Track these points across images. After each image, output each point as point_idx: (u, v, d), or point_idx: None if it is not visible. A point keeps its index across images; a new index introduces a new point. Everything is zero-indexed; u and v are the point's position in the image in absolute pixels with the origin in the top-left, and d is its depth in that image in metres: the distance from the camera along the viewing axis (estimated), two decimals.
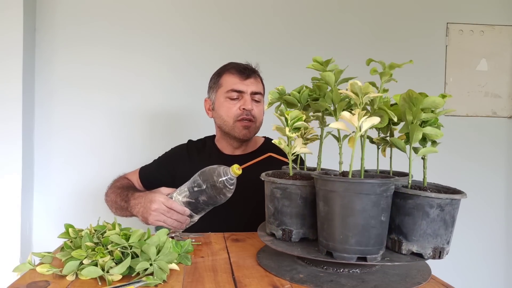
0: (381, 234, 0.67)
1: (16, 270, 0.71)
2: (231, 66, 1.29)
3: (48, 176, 1.75)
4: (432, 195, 0.67)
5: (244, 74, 1.26)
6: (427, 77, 1.95)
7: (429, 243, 0.68)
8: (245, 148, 1.35)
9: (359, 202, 0.64)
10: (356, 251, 0.65)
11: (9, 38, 1.59)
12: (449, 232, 0.70)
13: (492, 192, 2.02)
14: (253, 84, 1.26)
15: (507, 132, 2.02)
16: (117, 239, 0.72)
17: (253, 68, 1.30)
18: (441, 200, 0.67)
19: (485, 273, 2.01)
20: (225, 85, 1.27)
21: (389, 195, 0.67)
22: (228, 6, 1.84)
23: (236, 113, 1.25)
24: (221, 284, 0.68)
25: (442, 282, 0.71)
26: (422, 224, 0.68)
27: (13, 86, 1.60)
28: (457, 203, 0.69)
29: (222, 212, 1.26)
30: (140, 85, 1.79)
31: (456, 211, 0.70)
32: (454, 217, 0.70)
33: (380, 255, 0.67)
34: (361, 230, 0.65)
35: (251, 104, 1.25)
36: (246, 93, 1.25)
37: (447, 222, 0.68)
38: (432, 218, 0.67)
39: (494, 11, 2.00)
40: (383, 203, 0.65)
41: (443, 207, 0.67)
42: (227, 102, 1.26)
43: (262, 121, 1.32)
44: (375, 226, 0.65)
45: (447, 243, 0.70)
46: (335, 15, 1.91)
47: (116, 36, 1.77)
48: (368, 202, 0.64)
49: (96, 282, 0.67)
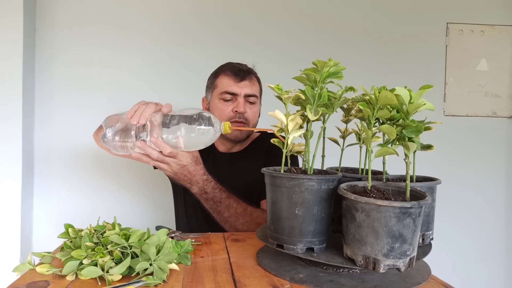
0: (296, 227, 0.70)
1: (16, 270, 0.71)
2: (226, 67, 1.29)
3: (48, 176, 1.75)
4: (357, 198, 0.62)
5: (239, 76, 1.26)
6: (427, 77, 1.95)
7: (359, 249, 0.64)
8: (240, 147, 1.36)
9: (274, 194, 0.73)
10: (274, 237, 0.73)
11: (9, 38, 1.59)
12: (385, 244, 0.61)
13: (492, 192, 2.02)
14: (247, 86, 1.26)
15: (507, 132, 2.02)
16: (117, 239, 0.72)
17: (248, 70, 1.30)
18: (364, 204, 0.61)
19: (485, 273, 2.01)
20: (220, 87, 1.27)
21: (304, 190, 0.69)
22: (228, 6, 1.84)
23: (228, 115, 1.25)
24: (221, 284, 0.68)
25: (442, 282, 0.71)
26: (351, 227, 0.64)
27: (13, 86, 1.60)
28: (388, 211, 0.60)
29: None
30: (140, 85, 1.79)
31: (391, 220, 0.60)
32: (389, 227, 0.60)
33: (299, 247, 0.70)
34: (276, 219, 0.73)
35: (243, 107, 1.25)
36: (240, 95, 1.25)
37: (376, 230, 0.61)
38: (359, 223, 0.63)
39: (494, 11, 1.99)
40: (295, 197, 0.70)
41: (368, 212, 0.61)
42: (220, 103, 1.27)
43: (256, 123, 1.32)
44: (289, 218, 0.70)
45: (383, 256, 0.61)
46: (334, 15, 1.90)
47: (116, 37, 1.77)
48: (280, 194, 0.71)
49: (96, 282, 0.66)
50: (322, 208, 0.70)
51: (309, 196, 0.69)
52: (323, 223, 0.71)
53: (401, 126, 0.65)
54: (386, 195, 0.67)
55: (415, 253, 0.64)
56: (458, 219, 1.99)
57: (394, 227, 0.60)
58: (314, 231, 0.70)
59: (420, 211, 0.62)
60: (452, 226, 1.98)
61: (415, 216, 0.61)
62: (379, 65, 1.92)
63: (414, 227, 0.61)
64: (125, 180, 1.80)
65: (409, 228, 0.61)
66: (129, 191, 1.81)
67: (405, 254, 0.61)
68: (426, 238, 0.78)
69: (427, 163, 1.84)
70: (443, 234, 1.95)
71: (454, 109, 1.99)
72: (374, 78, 1.87)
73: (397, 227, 0.60)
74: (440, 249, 1.96)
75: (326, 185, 0.70)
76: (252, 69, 1.32)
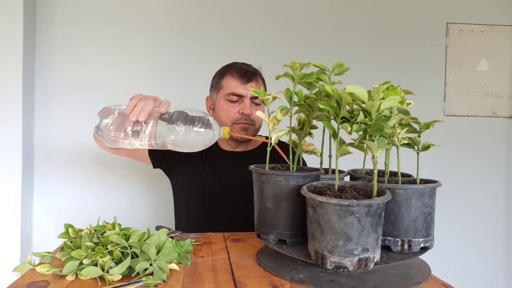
0: (267, 219, 0.76)
1: (16, 270, 0.71)
2: (233, 68, 1.29)
3: (48, 176, 1.75)
4: (306, 194, 0.64)
5: (245, 78, 1.26)
6: (427, 77, 1.95)
7: (311, 244, 0.66)
8: (245, 147, 1.36)
9: (254, 187, 0.79)
10: (256, 228, 0.80)
11: (9, 38, 1.59)
12: (329, 240, 0.61)
13: (492, 192, 2.02)
14: (253, 88, 1.26)
15: (507, 132, 2.02)
16: (117, 239, 0.72)
17: (254, 71, 1.30)
18: (310, 200, 0.64)
19: (485, 272, 2.01)
20: (226, 88, 1.27)
21: (273, 185, 0.74)
22: (229, 6, 1.84)
23: (234, 116, 1.26)
24: (221, 284, 0.68)
25: (442, 282, 0.71)
26: (307, 222, 0.68)
27: (13, 86, 1.60)
28: (329, 207, 0.61)
29: (221, 211, 1.27)
30: (140, 85, 1.79)
31: (333, 217, 0.61)
32: (331, 224, 0.60)
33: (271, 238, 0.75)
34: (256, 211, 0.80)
35: (250, 109, 1.25)
36: (246, 97, 1.25)
37: (322, 226, 0.62)
38: (310, 218, 0.66)
39: (494, 11, 1.99)
40: (266, 191, 0.75)
41: (315, 208, 0.63)
42: (226, 104, 1.27)
43: (261, 124, 1.32)
44: (262, 210, 0.77)
45: (328, 252, 0.62)
46: (334, 15, 1.90)
47: (117, 36, 1.77)
48: (256, 188, 0.78)
49: (96, 282, 0.67)
50: (292, 203, 0.73)
51: (277, 191, 0.74)
52: (294, 218, 0.74)
53: (365, 125, 0.64)
54: (354, 194, 0.67)
55: (369, 255, 0.63)
56: (458, 219, 1.99)
57: (336, 224, 0.61)
58: (284, 224, 0.73)
59: (367, 211, 0.61)
60: (452, 226, 1.98)
61: (359, 215, 0.61)
62: (379, 65, 1.92)
63: (361, 226, 0.61)
64: (125, 180, 1.80)
65: (353, 227, 0.61)
66: (129, 191, 1.81)
67: (351, 253, 0.62)
68: (414, 245, 0.72)
69: (427, 162, 1.85)
70: (443, 234, 1.95)
71: (454, 109, 1.99)
72: (374, 78, 1.86)
73: (339, 225, 0.61)
74: (440, 249, 1.96)
75: (295, 181, 0.73)
76: (258, 70, 1.32)
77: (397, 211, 0.71)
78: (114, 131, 0.93)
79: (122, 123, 0.93)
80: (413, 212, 0.71)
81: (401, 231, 0.71)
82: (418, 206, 0.71)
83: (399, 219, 0.71)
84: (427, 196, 0.72)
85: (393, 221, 0.71)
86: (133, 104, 0.91)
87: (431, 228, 0.74)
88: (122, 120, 0.93)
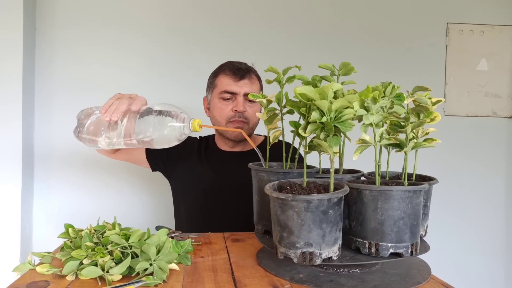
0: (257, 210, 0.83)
1: (16, 270, 0.71)
2: (226, 67, 1.29)
3: (48, 176, 1.75)
4: (266, 189, 0.68)
5: (238, 75, 1.25)
6: (427, 77, 1.95)
7: (273, 234, 0.70)
8: (243, 147, 1.36)
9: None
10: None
11: (9, 38, 1.59)
12: (277, 231, 0.65)
13: (492, 192, 2.02)
14: (246, 85, 1.26)
15: (507, 132, 2.02)
16: (117, 239, 0.72)
17: (247, 68, 1.29)
18: (267, 191, 0.67)
19: (485, 272, 2.01)
20: (219, 86, 1.27)
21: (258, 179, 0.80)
22: (229, 7, 1.84)
23: (228, 114, 1.25)
24: (221, 284, 0.68)
25: (442, 282, 0.71)
26: None
27: (13, 87, 1.60)
28: (274, 200, 0.65)
29: (221, 212, 1.27)
30: (140, 85, 1.79)
31: (277, 210, 0.64)
32: (277, 216, 0.65)
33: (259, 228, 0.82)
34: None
35: (243, 106, 1.25)
36: (239, 94, 1.25)
37: (273, 218, 0.67)
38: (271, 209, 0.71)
39: (494, 11, 2.00)
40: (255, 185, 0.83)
41: (271, 200, 0.68)
42: (220, 103, 1.27)
43: (257, 121, 1.32)
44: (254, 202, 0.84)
45: (278, 242, 0.66)
46: (334, 15, 1.90)
47: (117, 36, 1.77)
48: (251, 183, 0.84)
49: (96, 282, 0.67)
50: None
51: (262, 185, 0.76)
52: None
53: (322, 124, 0.65)
54: (316, 190, 0.68)
55: (313, 250, 0.62)
56: (458, 219, 1.99)
57: (280, 216, 0.65)
58: (268, 216, 0.73)
59: (305, 207, 0.61)
60: (452, 226, 1.98)
61: (298, 209, 0.62)
62: (379, 65, 1.92)
63: (301, 220, 0.62)
64: (125, 180, 1.80)
65: (293, 221, 0.63)
66: (129, 191, 1.81)
67: (293, 245, 0.63)
68: (381, 249, 0.67)
69: (427, 162, 1.85)
70: (443, 234, 1.96)
71: (454, 109, 1.99)
72: (374, 78, 1.86)
73: (282, 217, 0.64)
74: (440, 249, 1.96)
75: (275, 177, 0.76)
76: (252, 67, 1.32)
77: (364, 212, 0.68)
78: (92, 132, 0.94)
79: (99, 123, 0.94)
80: (379, 215, 0.67)
81: (368, 233, 0.68)
82: (385, 209, 0.66)
83: (366, 220, 0.68)
84: (397, 199, 0.66)
85: (361, 222, 0.68)
86: (109, 104, 0.92)
87: (407, 235, 0.67)
88: (98, 121, 0.94)
